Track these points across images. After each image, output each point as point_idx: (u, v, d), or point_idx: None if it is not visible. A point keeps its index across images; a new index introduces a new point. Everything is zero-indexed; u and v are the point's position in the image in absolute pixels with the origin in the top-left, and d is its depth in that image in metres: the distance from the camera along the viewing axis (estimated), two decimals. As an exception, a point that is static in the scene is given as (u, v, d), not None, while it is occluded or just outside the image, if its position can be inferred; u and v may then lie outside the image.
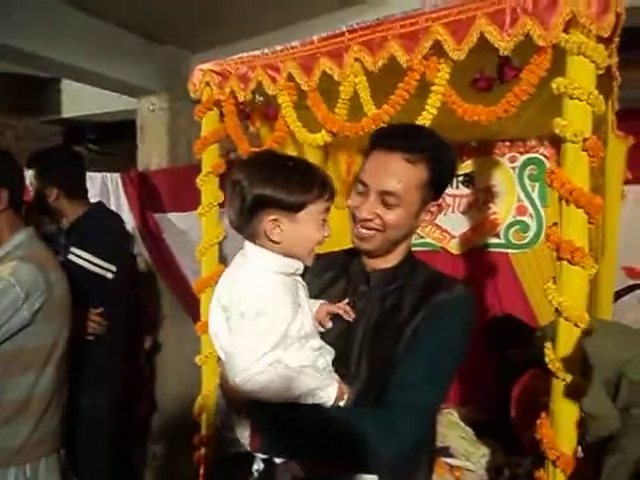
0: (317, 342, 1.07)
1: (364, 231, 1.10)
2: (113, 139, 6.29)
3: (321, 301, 1.14)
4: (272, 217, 1.01)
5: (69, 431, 2.01)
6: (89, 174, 3.43)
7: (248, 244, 1.07)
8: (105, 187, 3.42)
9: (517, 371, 2.19)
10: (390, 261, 1.15)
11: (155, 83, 3.90)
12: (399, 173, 1.07)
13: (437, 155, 1.10)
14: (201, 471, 1.98)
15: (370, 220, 1.09)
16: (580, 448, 1.61)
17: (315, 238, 1.05)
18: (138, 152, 4.14)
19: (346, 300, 1.14)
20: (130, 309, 2.27)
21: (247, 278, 1.03)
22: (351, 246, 1.17)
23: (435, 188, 1.11)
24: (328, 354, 1.08)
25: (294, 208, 1.01)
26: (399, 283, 1.13)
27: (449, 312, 1.07)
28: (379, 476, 1.03)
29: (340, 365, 1.09)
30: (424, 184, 1.09)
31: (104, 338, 2.02)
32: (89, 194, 3.30)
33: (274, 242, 1.03)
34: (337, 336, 1.12)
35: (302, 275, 1.11)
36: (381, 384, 1.03)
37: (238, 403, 1.00)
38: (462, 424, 2.36)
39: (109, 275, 2.02)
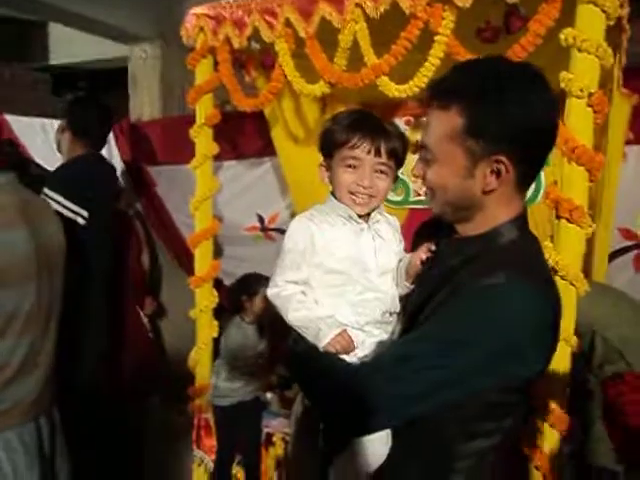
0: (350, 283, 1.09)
1: (425, 189, 0.99)
2: (106, 88, 6.12)
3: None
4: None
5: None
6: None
7: None
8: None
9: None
10: (468, 231, 0.96)
11: (148, 29, 3.75)
12: (431, 123, 0.92)
13: (475, 93, 0.85)
14: (195, 420, 2.03)
15: (422, 178, 0.96)
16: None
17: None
18: (130, 102, 4.03)
19: (424, 246, 1.06)
20: (110, 262, 2.16)
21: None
22: None
23: (481, 137, 0.86)
24: (361, 306, 1.08)
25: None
26: (461, 257, 0.94)
27: (469, 301, 0.85)
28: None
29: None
30: (458, 133, 0.87)
31: (82, 294, 1.92)
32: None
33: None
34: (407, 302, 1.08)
35: None
36: None
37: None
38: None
39: (80, 220, 1.95)
